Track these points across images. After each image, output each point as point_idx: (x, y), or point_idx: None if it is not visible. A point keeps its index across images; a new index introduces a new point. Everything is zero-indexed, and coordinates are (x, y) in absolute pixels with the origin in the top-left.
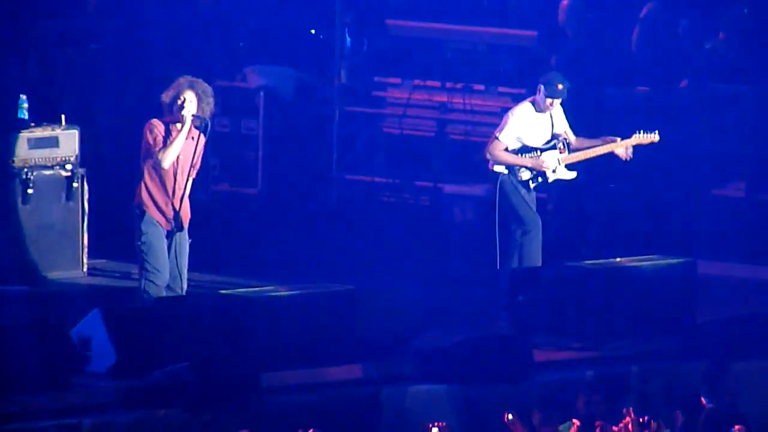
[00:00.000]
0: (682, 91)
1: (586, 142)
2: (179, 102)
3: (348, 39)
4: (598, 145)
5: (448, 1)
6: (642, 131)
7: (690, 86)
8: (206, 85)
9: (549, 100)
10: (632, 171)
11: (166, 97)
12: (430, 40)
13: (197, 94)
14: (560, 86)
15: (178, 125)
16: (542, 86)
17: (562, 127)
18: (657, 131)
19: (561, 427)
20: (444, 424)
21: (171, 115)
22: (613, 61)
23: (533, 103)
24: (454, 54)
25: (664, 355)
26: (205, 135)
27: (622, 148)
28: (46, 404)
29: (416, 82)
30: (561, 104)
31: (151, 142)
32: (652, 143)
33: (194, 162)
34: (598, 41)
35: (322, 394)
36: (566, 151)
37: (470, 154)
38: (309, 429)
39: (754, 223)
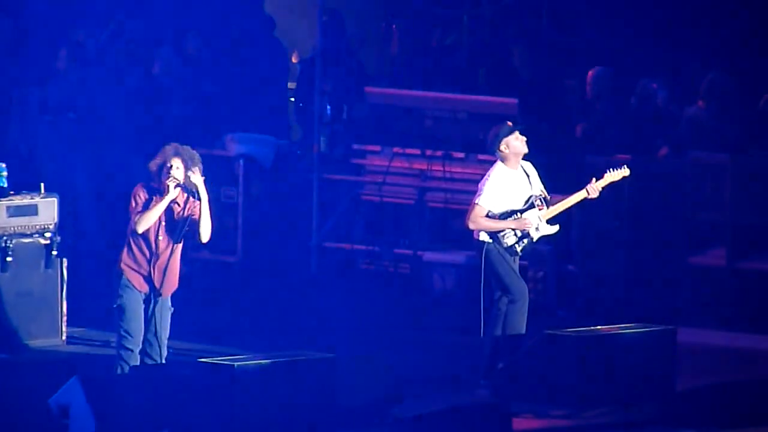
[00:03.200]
0: (662, 158)
1: (560, 198)
2: (165, 169)
3: (328, 107)
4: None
5: (427, 70)
6: (612, 168)
7: (670, 154)
8: (193, 151)
9: (513, 140)
10: (613, 237)
11: (153, 165)
12: (409, 108)
13: (184, 161)
14: (509, 122)
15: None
16: (503, 139)
17: (538, 186)
18: (625, 165)
19: None
20: None
21: (159, 182)
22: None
23: (504, 160)
24: (434, 122)
25: (644, 422)
26: (196, 198)
27: (596, 191)
28: None
29: (396, 149)
30: (533, 166)
31: (133, 206)
32: (623, 178)
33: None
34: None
35: None
36: (545, 207)
37: (450, 221)
38: None
39: (734, 291)
